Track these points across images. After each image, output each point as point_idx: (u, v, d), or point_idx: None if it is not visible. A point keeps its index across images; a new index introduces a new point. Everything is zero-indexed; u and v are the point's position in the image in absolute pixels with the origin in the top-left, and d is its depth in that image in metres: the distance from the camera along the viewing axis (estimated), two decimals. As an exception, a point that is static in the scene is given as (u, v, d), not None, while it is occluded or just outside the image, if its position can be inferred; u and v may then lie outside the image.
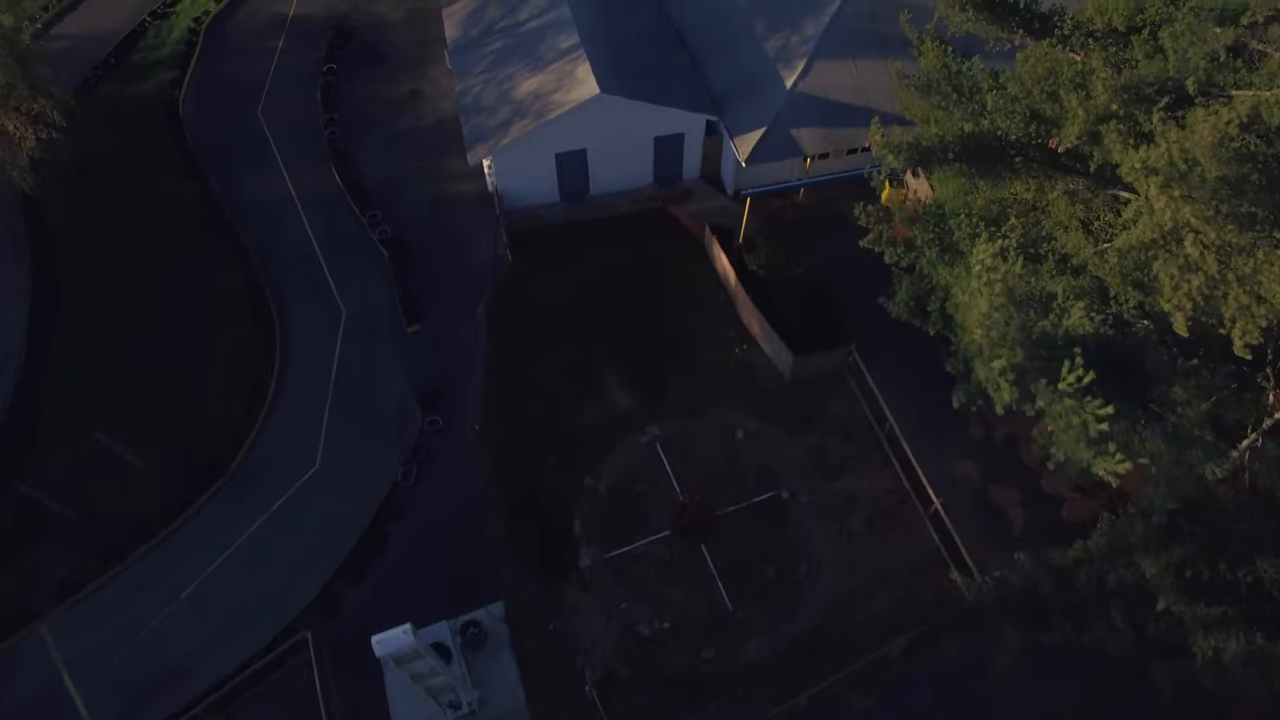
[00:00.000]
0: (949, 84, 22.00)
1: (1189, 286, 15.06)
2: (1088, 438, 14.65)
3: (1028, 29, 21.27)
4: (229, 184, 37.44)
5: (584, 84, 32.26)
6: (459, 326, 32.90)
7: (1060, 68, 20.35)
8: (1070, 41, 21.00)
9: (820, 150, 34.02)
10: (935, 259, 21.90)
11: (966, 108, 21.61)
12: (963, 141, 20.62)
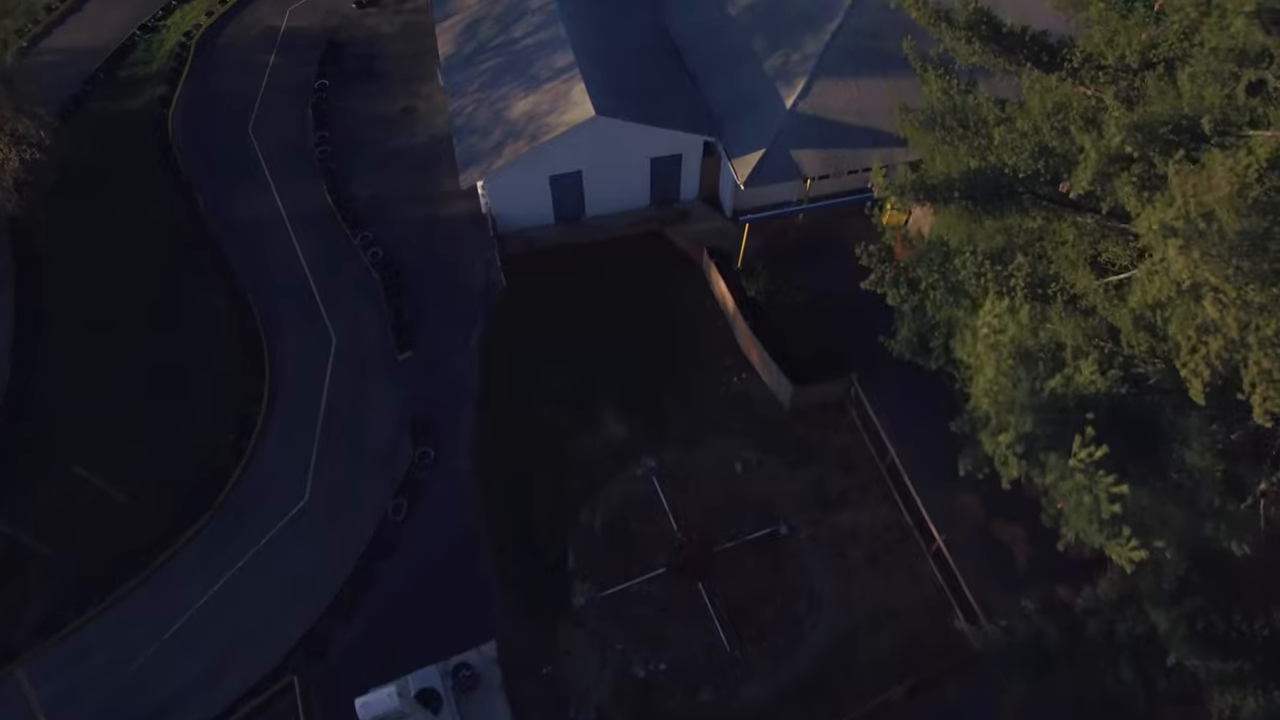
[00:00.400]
0: (954, 117, 21.15)
1: (1207, 350, 14.24)
2: (1100, 519, 13.87)
3: (1036, 62, 20.40)
4: (219, 203, 36.62)
5: (579, 105, 31.42)
6: (451, 353, 32.09)
7: (1071, 102, 19.51)
8: (1080, 75, 20.16)
9: (820, 172, 33.17)
10: (940, 300, 21.08)
11: (972, 142, 20.75)
12: (969, 179, 19.78)
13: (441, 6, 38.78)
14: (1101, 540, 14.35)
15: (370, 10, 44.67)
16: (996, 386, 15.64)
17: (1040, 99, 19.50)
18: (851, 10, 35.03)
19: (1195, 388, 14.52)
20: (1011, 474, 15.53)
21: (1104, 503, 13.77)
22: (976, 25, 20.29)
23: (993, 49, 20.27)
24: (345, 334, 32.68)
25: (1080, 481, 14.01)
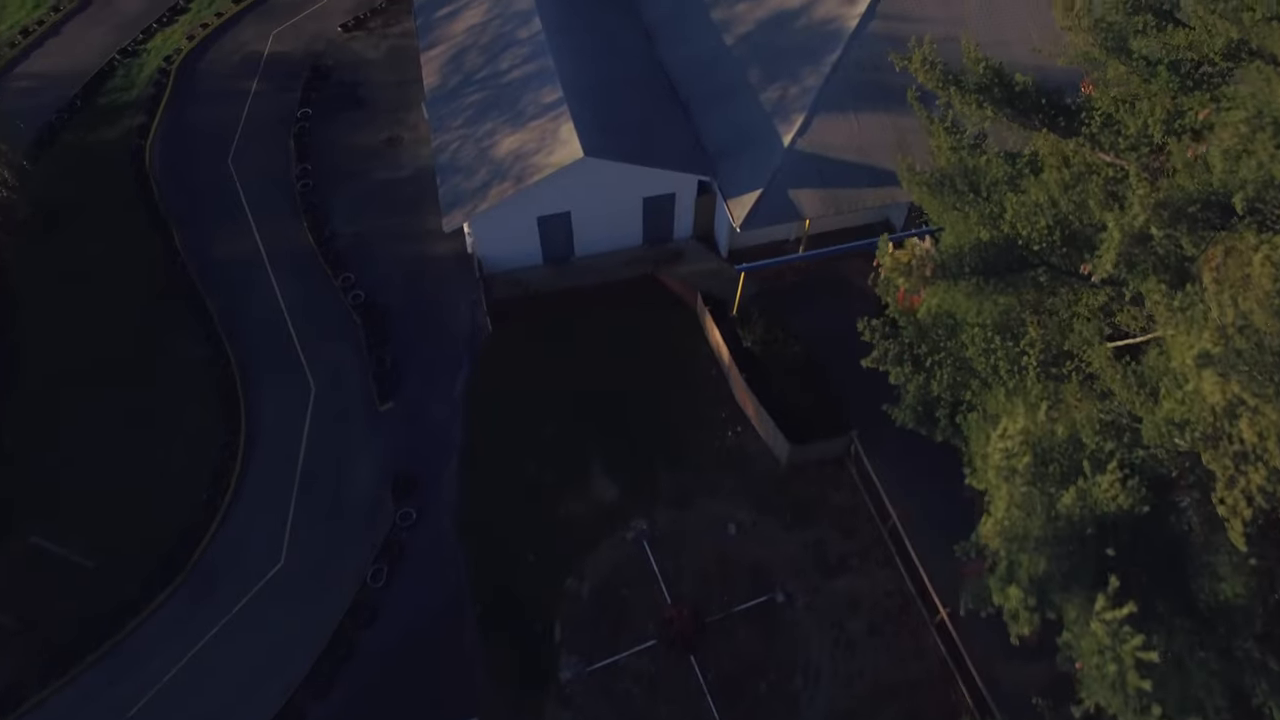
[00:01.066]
0: (964, 180, 19.54)
1: (1246, 482, 12.71)
2: (1124, 691, 12.31)
3: (1052, 126, 18.79)
4: (196, 241, 35.05)
5: (567, 145, 29.80)
6: (434, 404, 30.55)
7: (1090, 172, 17.91)
8: (1099, 141, 18.55)
9: (820, 213, 31.52)
10: (946, 380, 19.51)
11: (983, 209, 19.16)
12: (980, 252, 18.19)
13: (426, 35, 37.10)
14: (1126, 717, 12.80)
15: (356, 34, 42.97)
16: (1009, 520, 14.09)
17: (1057, 169, 17.89)
18: (852, 42, 33.36)
19: (1235, 529, 12.94)
20: (1022, 630, 14.03)
21: (1130, 673, 12.20)
22: (989, 88, 18.68)
23: (1006, 113, 18.67)
24: (325, 383, 31.15)
25: (1102, 640, 12.46)
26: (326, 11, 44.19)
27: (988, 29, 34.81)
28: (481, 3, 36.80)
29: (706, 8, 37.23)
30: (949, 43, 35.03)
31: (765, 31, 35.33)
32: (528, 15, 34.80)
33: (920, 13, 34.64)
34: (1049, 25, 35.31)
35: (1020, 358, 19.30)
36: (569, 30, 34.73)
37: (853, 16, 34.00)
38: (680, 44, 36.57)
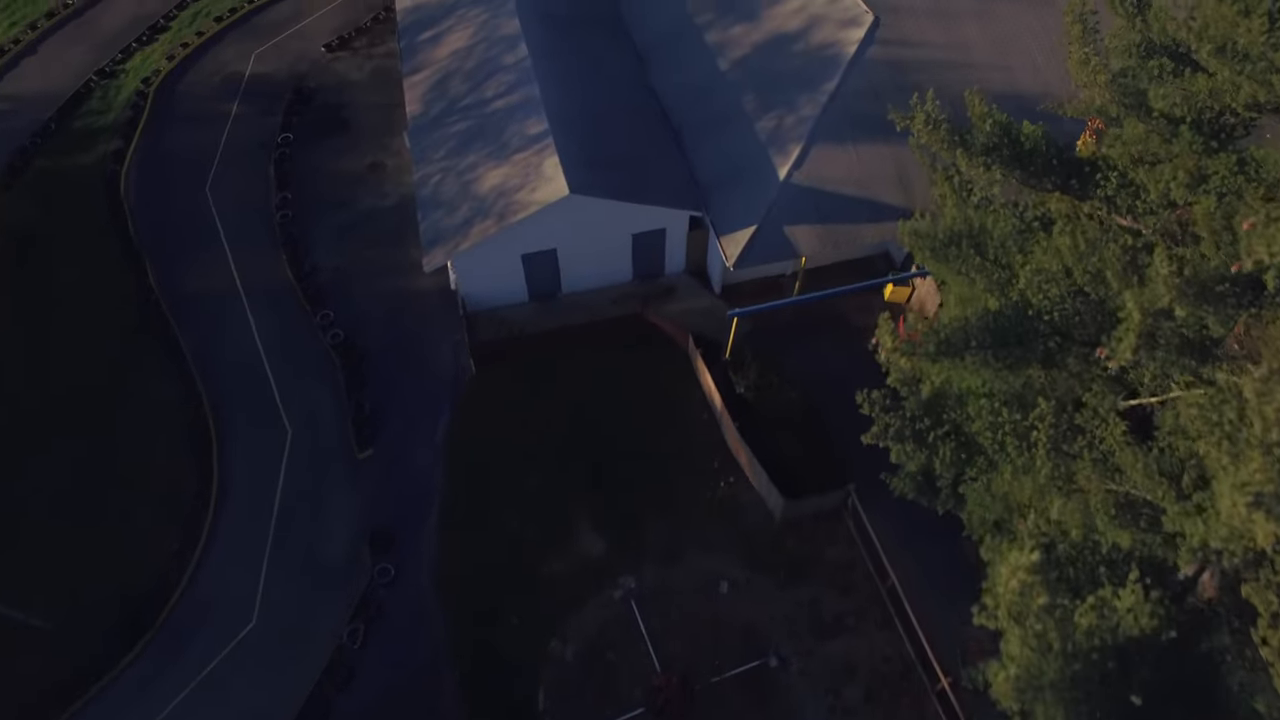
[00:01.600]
0: (970, 242, 18.02)
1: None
2: None
3: (1065, 188, 17.26)
4: (171, 275, 33.58)
5: (552, 181, 28.30)
6: (415, 451, 29.08)
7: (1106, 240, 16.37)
8: (1115, 204, 17.05)
9: (817, 251, 30.01)
10: (949, 458, 18.04)
11: (991, 274, 17.67)
12: (987, 325, 16.70)
13: (410, 59, 35.56)
14: None
15: (340, 55, 41.46)
16: (1022, 666, 12.62)
17: (1072, 235, 16.38)
18: (850, 69, 31.82)
19: None
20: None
21: None
22: (997, 147, 17.13)
23: (1016, 174, 17.12)
24: (301, 428, 29.69)
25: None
26: (310, 31, 42.67)
27: (991, 54, 33.29)
28: (466, 26, 35.27)
29: (701, 30, 35.72)
30: (951, 69, 33.80)
31: (761, 56, 33.80)
32: (514, 40, 33.28)
33: (921, 38, 33.11)
34: (1054, 48, 33.82)
35: (1029, 432, 17.82)
36: (556, 55, 33.20)
37: (851, 42, 32.47)
38: (673, 68, 35.04)
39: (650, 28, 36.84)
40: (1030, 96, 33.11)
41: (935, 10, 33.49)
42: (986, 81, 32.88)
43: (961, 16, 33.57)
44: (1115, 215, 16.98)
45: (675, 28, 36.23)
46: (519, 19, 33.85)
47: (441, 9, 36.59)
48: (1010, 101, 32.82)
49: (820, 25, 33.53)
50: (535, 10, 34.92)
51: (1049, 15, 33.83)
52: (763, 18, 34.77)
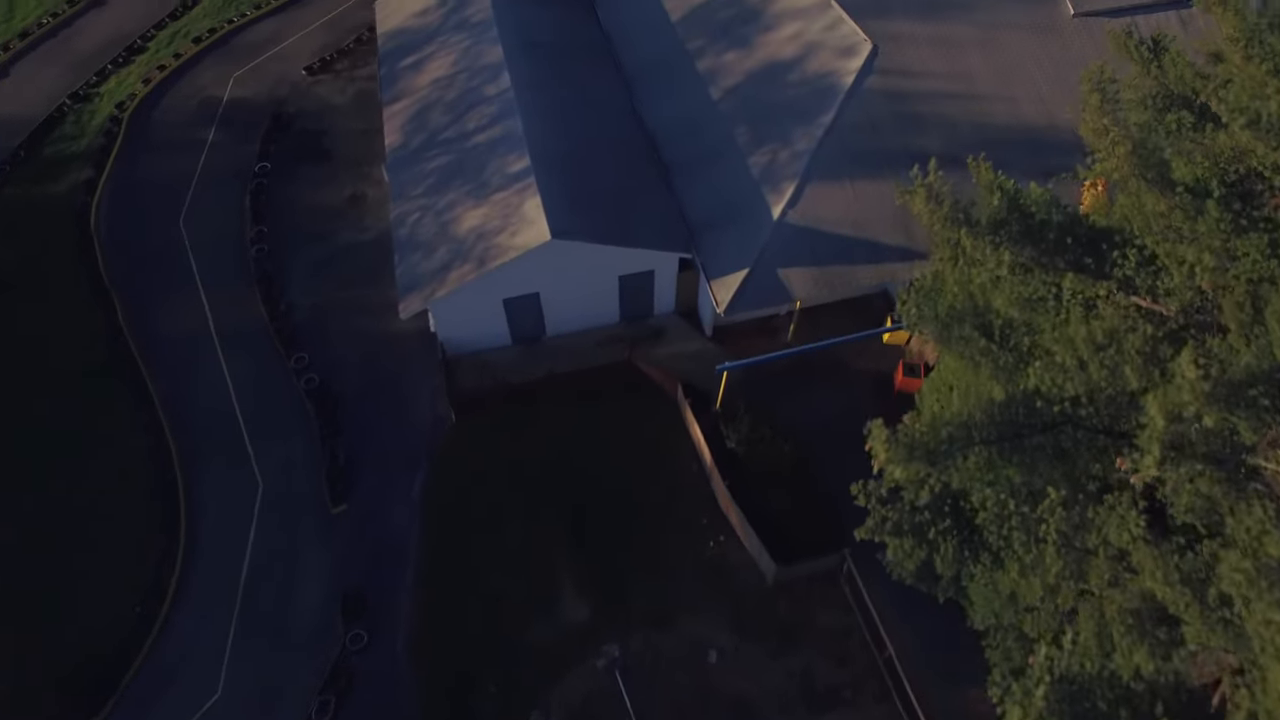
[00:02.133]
0: (975, 324, 16.47)
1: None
2: None
3: (1079, 267, 15.66)
4: (141, 314, 32.02)
5: (534, 225, 26.75)
6: (391, 506, 27.58)
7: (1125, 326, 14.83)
8: (1135, 285, 15.49)
9: (812, 294, 28.44)
10: (951, 556, 16.54)
11: (997, 359, 16.14)
12: (992, 417, 15.18)
13: (390, 86, 33.97)
14: None
15: (321, 78, 39.82)
16: None
17: (1088, 325, 14.83)
18: (847, 101, 30.21)
19: None
20: None
21: None
22: (1005, 223, 15.54)
23: (1027, 252, 15.52)
24: (273, 481, 28.18)
25: None
26: (291, 52, 41.04)
27: (994, 83, 31.66)
28: (448, 53, 33.67)
29: (691, 57, 34.09)
30: (953, 99, 32.16)
31: (754, 86, 32.19)
32: (496, 69, 31.68)
33: (921, 67, 31.48)
34: (1059, 79, 32.17)
35: (1038, 525, 16.31)
36: (540, 86, 31.58)
37: (849, 72, 30.85)
38: (662, 98, 33.42)
39: (638, 53, 35.21)
40: (1035, 129, 31.63)
41: (937, 38, 31.86)
42: (990, 113, 31.38)
43: (964, 45, 31.94)
44: (1134, 296, 15.43)
45: (664, 54, 34.59)
46: (502, 46, 32.26)
47: (423, 34, 35.00)
48: (1014, 134, 31.56)
49: (816, 53, 31.91)
50: (519, 37, 33.32)
51: (1054, 44, 32.22)
52: (756, 44, 33.16)
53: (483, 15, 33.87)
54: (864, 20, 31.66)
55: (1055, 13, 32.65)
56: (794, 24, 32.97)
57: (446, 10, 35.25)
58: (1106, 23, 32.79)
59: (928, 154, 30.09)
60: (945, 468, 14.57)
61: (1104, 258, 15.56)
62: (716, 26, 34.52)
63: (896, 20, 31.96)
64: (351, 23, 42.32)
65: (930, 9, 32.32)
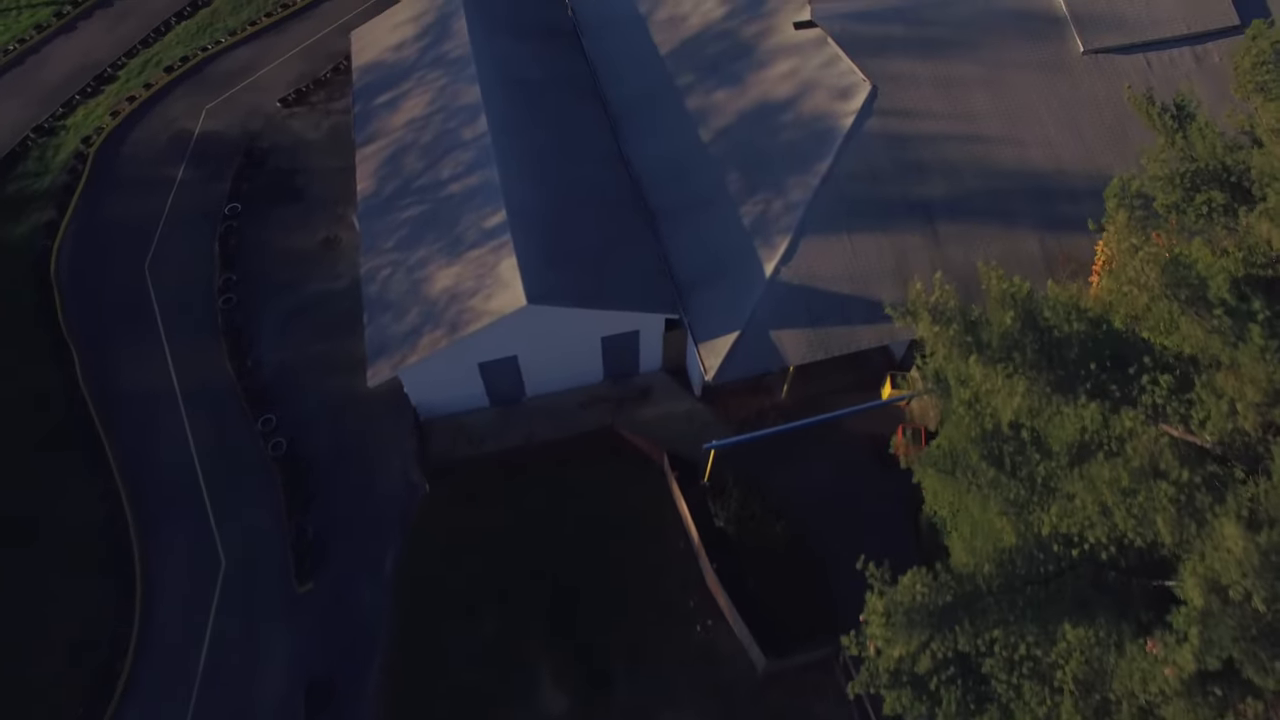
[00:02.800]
0: (984, 455, 14.59)
1: None
2: None
3: (1102, 394, 13.77)
4: (101, 370, 30.10)
5: (509, 288, 24.83)
6: (361, 585, 25.74)
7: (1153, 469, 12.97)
8: (1166, 414, 13.62)
9: (807, 358, 26.53)
10: (955, 709, 14.73)
11: (1008, 492, 14.28)
12: (1002, 567, 13.35)
13: (364, 126, 31.97)
14: None
15: (296, 110, 37.77)
16: None
17: (1112, 467, 12.98)
18: (845, 147, 28.24)
19: None
20: None
21: None
22: (1019, 345, 13.62)
23: (1045, 382, 13.58)
24: (237, 556, 26.35)
25: None
26: (266, 83, 38.97)
27: (1000, 126, 29.64)
28: (424, 91, 31.66)
29: (680, 94, 32.06)
30: (956, 142, 30.14)
31: (746, 127, 30.18)
32: (474, 111, 29.66)
33: (923, 108, 29.46)
34: (1068, 121, 30.12)
35: (1053, 672, 14.51)
36: (519, 130, 29.58)
37: (847, 114, 28.85)
38: (649, 137, 31.38)
39: (625, 89, 33.13)
40: (1043, 174, 29.60)
41: (939, 78, 29.83)
42: (995, 158, 29.38)
43: (968, 85, 29.91)
44: (1165, 425, 13.57)
45: (652, 90, 32.53)
46: (480, 86, 30.21)
47: (399, 69, 32.98)
48: (1021, 181, 29.53)
49: (812, 93, 29.90)
50: (498, 73, 31.30)
51: (1062, 83, 30.19)
52: (748, 82, 31.13)
53: (461, 51, 31.83)
54: (862, 58, 29.63)
55: (1063, 50, 30.62)
56: (788, 61, 30.96)
57: (424, 44, 33.21)
58: (1117, 58, 30.88)
59: (929, 203, 28.64)
60: (950, 633, 12.74)
61: (1130, 381, 13.67)
62: (706, 61, 32.48)
63: (896, 59, 29.93)
64: (329, 50, 40.22)
65: (932, 47, 30.28)
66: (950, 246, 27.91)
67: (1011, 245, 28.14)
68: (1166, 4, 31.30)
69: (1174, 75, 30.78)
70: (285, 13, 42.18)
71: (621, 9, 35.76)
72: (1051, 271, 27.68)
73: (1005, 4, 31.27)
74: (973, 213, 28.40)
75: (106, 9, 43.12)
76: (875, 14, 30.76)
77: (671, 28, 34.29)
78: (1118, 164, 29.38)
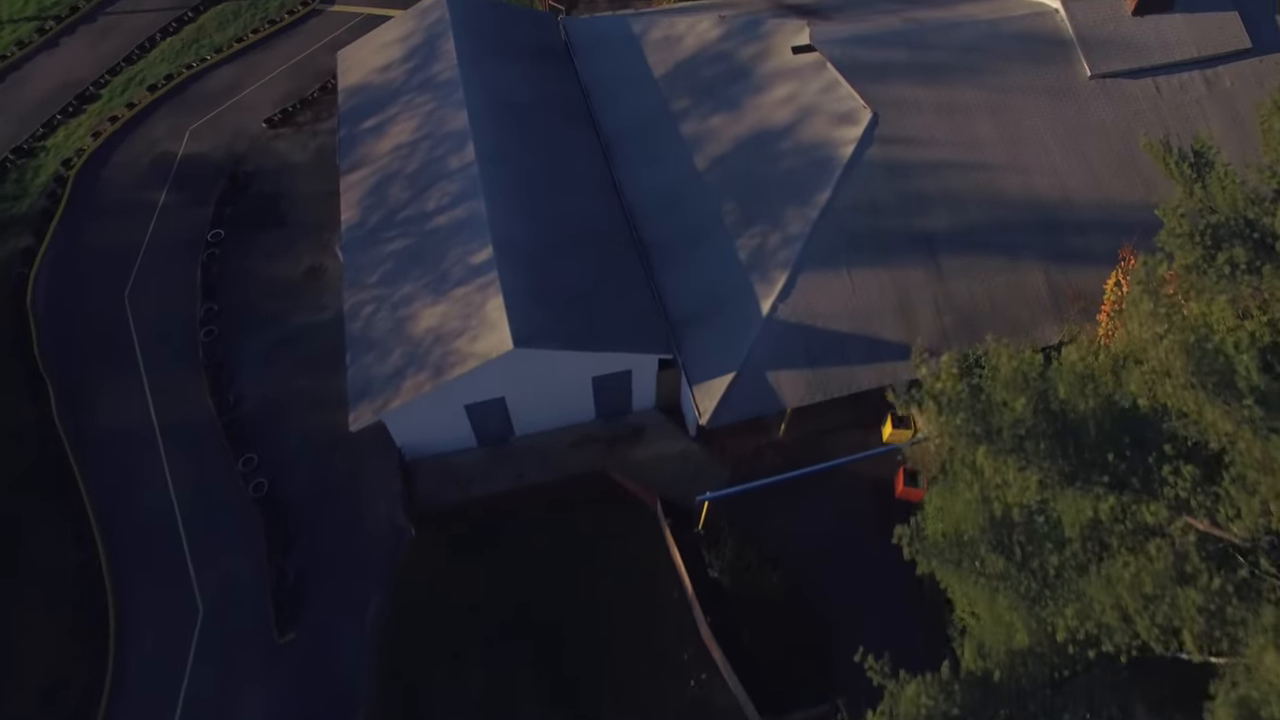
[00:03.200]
0: (993, 545, 13.54)
1: None
2: None
3: (1123, 485, 12.72)
4: (77, 406, 28.99)
5: (495, 330, 23.73)
6: (343, 635, 24.67)
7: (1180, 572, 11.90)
8: (1191, 508, 12.56)
9: (806, 400, 25.43)
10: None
11: (1019, 585, 13.21)
12: (1014, 671, 12.31)
13: (349, 152, 30.80)
14: None
15: (282, 131, 36.61)
16: None
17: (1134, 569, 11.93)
18: (845, 177, 27.12)
19: None
20: None
21: None
22: (1032, 434, 12.54)
23: (1059, 467, 12.53)
24: (215, 604, 25.28)
25: None
26: (251, 102, 37.81)
27: (1004, 154, 28.49)
28: (411, 116, 30.50)
29: (675, 119, 30.88)
30: (959, 170, 28.95)
31: (742, 155, 29.04)
32: (461, 139, 28.52)
33: (925, 135, 28.33)
34: (1075, 148, 28.96)
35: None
36: (507, 159, 28.41)
37: (847, 141, 27.72)
38: (642, 165, 30.20)
39: (618, 113, 31.93)
40: (1049, 204, 28.42)
41: (942, 104, 28.68)
42: (1000, 187, 28.24)
43: (971, 111, 28.78)
44: (1190, 519, 12.52)
45: (646, 115, 31.33)
46: (468, 111, 29.06)
47: (386, 92, 31.81)
48: (1026, 211, 28.38)
49: (811, 119, 28.76)
50: (488, 98, 30.13)
51: (1069, 108, 29.05)
52: (745, 107, 29.98)
53: (449, 74, 30.68)
54: (862, 84, 28.51)
55: (1070, 74, 29.47)
56: (786, 85, 29.81)
57: (411, 66, 32.05)
58: (1126, 83, 29.74)
59: (932, 235, 27.49)
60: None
61: (1151, 472, 12.59)
62: (702, 85, 31.31)
63: (898, 84, 28.80)
64: (316, 68, 39.07)
65: (934, 72, 29.14)
66: (953, 281, 26.80)
67: (1016, 279, 27.04)
68: (1176, 26, 30.16)
69: (1184, 100, 29.69)
70: (272, 29, 41.02)
71: (614, 29, 34.61)
72: (1059, 310, 26.63)
73: (1010, 27, 30.14)
74: (976, 245, 27.30)
75: (90, 24, 42.01)
76: (876, 38, 29.64)
77: (666, 48, 33.12)
78: (1126, 193, 28.37)
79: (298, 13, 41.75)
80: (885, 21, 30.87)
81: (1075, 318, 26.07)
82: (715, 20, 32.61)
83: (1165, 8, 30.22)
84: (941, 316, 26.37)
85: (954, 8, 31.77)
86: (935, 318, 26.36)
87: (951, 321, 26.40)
